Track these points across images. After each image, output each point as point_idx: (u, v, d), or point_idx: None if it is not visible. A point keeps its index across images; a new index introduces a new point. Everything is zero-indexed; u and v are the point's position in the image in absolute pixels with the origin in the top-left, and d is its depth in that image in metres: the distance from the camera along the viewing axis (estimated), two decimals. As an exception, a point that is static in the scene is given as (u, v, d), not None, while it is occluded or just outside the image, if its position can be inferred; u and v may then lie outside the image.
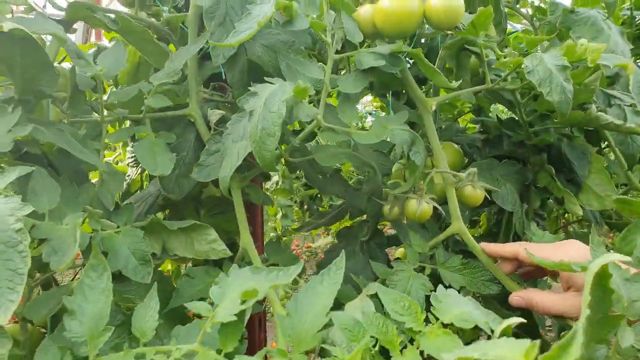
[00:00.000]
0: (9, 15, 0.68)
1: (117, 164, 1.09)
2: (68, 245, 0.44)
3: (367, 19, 0.63)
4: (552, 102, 0.52)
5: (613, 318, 0.34)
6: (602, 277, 0.30)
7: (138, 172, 0.91)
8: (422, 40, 0.80)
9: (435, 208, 0.64)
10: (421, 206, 0.63)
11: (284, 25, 0.57)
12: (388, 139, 0.57)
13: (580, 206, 0.76)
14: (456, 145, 0.79)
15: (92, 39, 1.23)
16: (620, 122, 0.66)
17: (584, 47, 0.52)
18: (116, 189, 0.56)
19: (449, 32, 0.64)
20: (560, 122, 0.72)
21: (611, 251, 0.45)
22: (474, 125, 0.97)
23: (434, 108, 0.66)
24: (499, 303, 0.66)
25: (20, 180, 0.49)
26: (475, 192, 0.64)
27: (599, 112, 0.64)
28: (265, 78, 0.53)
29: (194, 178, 0.58)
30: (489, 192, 0.69)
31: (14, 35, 0.49)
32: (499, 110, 0.99)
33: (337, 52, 0.57)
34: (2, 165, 0.50)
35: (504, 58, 0.60)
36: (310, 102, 0.51)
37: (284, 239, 1.96)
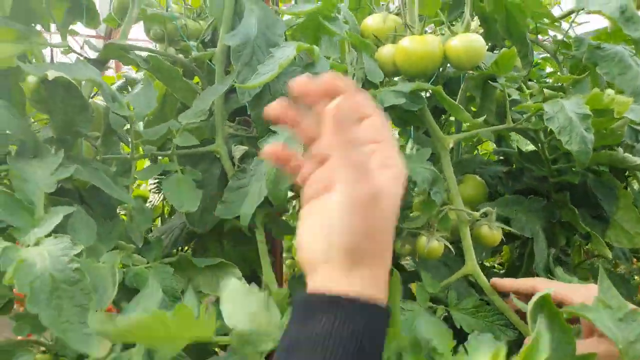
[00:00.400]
0: (48, 55, 0.72)
1: (138, 187, 1.12)
2: (107, 286, 0.46)
3: (388, 58, 0.64)
4: (571, 151, 0.52)
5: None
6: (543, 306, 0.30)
7: (160, 199, 0.94)
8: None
9: (450, 248, 0.64)
10: (430, 244, 0.62)
11: (306, 68, 0.59)
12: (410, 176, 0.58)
13: (607, 242, 0.74)
14: (479, 178, 0.79)
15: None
16: (646, 163, 0.65)
17: (611, 98, 0.52)
18: (145, 225, 0.58)
19: (470, 72, 0.64)
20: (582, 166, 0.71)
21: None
22: (494, 157, 0.96)
23: (451, 146, 0.66)
24: (517, 348, 0.64)
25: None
26: (492, 233, 0.64)
27: (626, 154, 0.63)
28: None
29: (217, 215, 0.60)
30: (508, 223, 0.68)
31: (57, 81, 0.52)
32: (520, 138, 0.98)
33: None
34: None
35: (529, 97, 0.60)
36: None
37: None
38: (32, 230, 0.44)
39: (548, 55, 0.83)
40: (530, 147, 0.87)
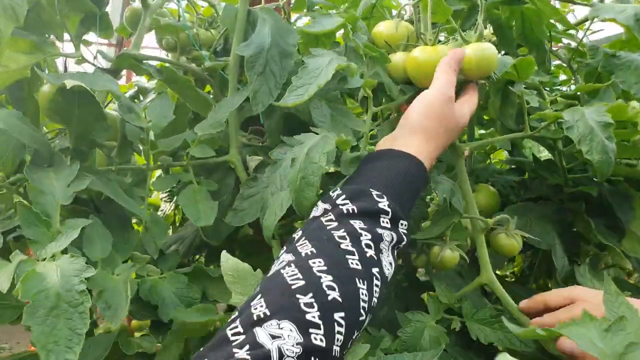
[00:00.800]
0: (61, 64, 0.72)
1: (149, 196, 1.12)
2: (120, 300, 0.45)
3: (399, 66, 0.63)
4: (592, 161, 0.50)
5: None
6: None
7: (172, 208, 0.94)
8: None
9: (465, 257, 0.63)
10: (443, 253, 0.61)
11: (340, 82, 0.58)
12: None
13: (623, 252, 0.73)
14: (492, 188, 0.78)
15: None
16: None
17: (636, 110, 0.51)
18: (160, 237, 0.57)
19: (481, 81, 0.63)
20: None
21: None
22: (506, 165, 0.95)
23: (466, 154, 0.65)
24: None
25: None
26: (511, 241, 0.62)
27: None
28: (311, 128, 0.54)
29: (227, 223, 0.59)
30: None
31: (74, 91, 0.52)
32: (533, 145, 0.97)
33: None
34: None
35: (549, 104, 0.59)
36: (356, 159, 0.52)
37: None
38: (50, 244, 0.44)
39: (560, 62, 0.82)
40: (544, 153, 0.87)
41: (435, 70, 0.56)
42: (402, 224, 0.46)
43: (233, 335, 0.35)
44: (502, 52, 0.75)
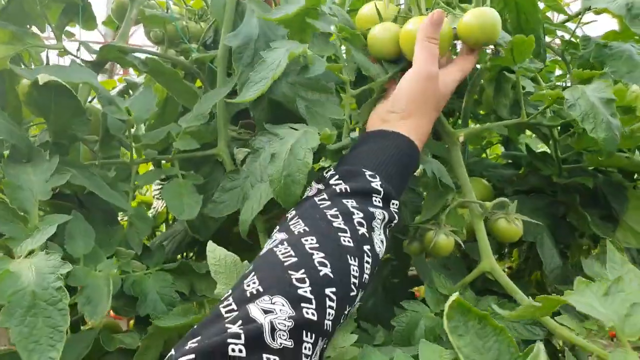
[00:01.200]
0: (44, 56, 0.70)
1: (142, 193, 1.10)
2: (101, 296, 0.44)
3: (391, 40, 0.56)
4: (597, 139, 0.48)
5: None
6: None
7: (164, 205, 0.92)
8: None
9: (461, 243, 0.60)
10: (438, 238, 0.58)
11: (302, 71, 0.57)
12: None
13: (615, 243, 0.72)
14: (485, 181, 0.77)
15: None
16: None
17: (635, 95, 0.49)
18: (144, 232, 0.56)
19: (488, 49, 0.60)
20: (597, 162, 0.68)
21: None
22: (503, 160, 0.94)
23: (461, 140, 0.63)
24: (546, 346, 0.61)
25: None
26: (511, 226, 0.59)
27: None
28: (291, 125, 0.52)
29: (206, 214, 0.57)
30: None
31: (49, 85, 0.50)
32: (527, 137, 0.96)
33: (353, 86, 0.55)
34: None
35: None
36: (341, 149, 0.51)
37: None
38: (26, 240, 0.43)
39: (556, 57, 0.81)
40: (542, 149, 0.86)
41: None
42: (393, 203, 0.46)
43: (226, 312, 0.35)
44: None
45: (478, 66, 0.67)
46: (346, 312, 0.40)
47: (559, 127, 0.68)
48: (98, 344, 0.51)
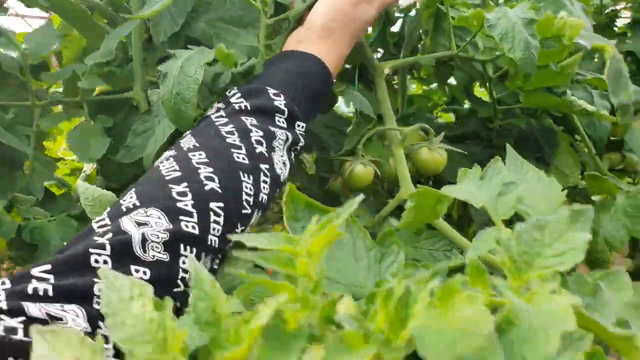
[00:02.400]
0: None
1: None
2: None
3: None
4: (514, 59, 0.47)
5: None
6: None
7: (94, 167, 0.87)
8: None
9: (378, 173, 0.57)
10: (354, 167, 0.55)
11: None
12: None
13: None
14: (422, 133, 0.76)
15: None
16: (593, 109, 0.64)
17: (563, 21, 0.48)
18: (46, 177, 0.52)
19: None
20: (531, 103, 0.68)
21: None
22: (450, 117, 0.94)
23: (387, 72, 0.61)
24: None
25: None
26: (433, 156, 0.56)
27: (572, 98, 0.61)
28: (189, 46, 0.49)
29: (118, 160, 0.54)
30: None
31: None
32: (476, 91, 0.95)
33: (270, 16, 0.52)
34: None
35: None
36: (249, 72, 0.48)
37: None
38: None
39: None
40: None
41: None
42: (299, 125, 0.45)
43: (99, 227, 0.34)
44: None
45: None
46: (238, 230, 0.38)
47: (493, 65, 0.67)
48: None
